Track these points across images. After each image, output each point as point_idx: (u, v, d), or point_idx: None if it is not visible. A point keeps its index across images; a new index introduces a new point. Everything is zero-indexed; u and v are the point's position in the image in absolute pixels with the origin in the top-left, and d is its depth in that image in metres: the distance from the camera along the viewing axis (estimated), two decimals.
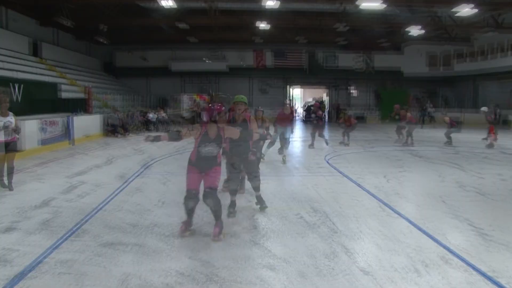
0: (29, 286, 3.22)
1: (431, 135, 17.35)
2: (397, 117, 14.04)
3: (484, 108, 15.06)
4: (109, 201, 5.86)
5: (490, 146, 13.13)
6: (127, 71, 27.26)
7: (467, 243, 4.23)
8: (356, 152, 11.75)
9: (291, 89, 30.72)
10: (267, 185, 6.65)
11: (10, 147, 6.53)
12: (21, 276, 3.37)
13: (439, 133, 18.16)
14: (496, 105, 22.24)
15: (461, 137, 14.28)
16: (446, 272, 3.51)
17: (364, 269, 3.56)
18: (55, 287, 3.23)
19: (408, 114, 14.03)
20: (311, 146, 12.40)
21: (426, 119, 23.25)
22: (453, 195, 6.40)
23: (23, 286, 3.22)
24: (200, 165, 4.39)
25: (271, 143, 9.99)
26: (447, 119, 14.14)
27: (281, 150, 9.83)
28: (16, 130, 6.59)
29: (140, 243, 4.18)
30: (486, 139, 13.76)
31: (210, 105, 4.60)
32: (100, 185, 6.96)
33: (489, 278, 3.38)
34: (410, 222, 4.94)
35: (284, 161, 9.43)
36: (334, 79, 29.02)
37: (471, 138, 15.30)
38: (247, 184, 5.93)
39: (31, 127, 10.80)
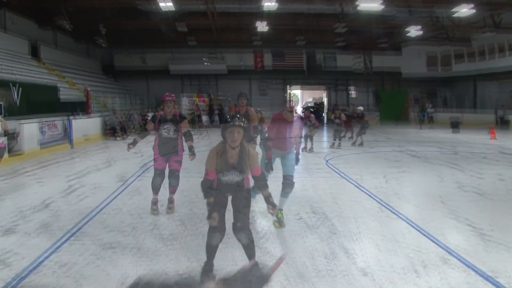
0: None
1: (430, 136, 17.38)
2: (337, 120, 13.14)
3: (360, 108, 14.33)
4: (108, 203, 5.86)
5: (338, 146, 12.56)
6: (126, 72, 27.30)
7: (466, 243, 4.23)
8: (355, 153, 11.76)
9: (290, 90, 30.72)
10: None
11: None
12: (20, 278, 3.37)
13: (438, 134, 18.21)
14: (502, 105, 22.39)
15: (460, 137, 14.29)
16: (445, 272, 3.51)
17: (363, 270, 3.56)
18: None
19: (342, 116, 13.09)
20: (305, 149, 11.78)
21: (425, 120, 23.28)
22: (452, 195, 6.40)
23: None
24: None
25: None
26: (343, 116, 13.02)
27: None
28: (5, 133, 6.26)
29: (139, 245, 4.18)
30: (333, 143, 12.83)
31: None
32: (99, 187, 6.97)
33: (488, 278, 3.38)
34: (409, 222, 4.94)
35: (278, 223, 4.84)
36: (333, 80, 29.06)
37: (470, 138, 15.33)
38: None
39: (30, 129, 10.81)
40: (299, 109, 31.81)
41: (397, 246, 4.13)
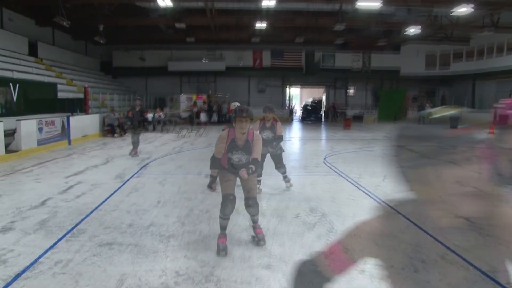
0: (24, 286, 3.20)
1: (428, 132, 17.38)
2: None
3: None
4: (106, 201, 5.84)
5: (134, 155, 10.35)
6: (125, 71, 27.22)
7: (465, 240, 4.21)
8: (354, 152, 11.76)
9: (287, 89, 30.59)
10: (264, 185, 6.65)
11: None
12: (17, 276, 3.36)
13: (435, 130, 18.23)
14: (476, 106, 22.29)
15: (458, 133, 14.24)
16: (444, 269, 3.50)
17: (361, 268, 3.55)
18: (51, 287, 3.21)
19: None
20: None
21: (421, 119, 23.35)
22: (451, 192, 6.39)
23: (18, 286, 3.20)
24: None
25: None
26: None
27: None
28: None
29: (137, 243, 4.16)
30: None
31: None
32: (97, 185, 6.94)
33: (487, 273, 3.37)
34: (408, 220, 4.94)
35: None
36: (332, 79, 29.04)
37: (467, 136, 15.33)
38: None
39: (29, 127, 10.77)
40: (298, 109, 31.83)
41: (396, 243, 4.12)
